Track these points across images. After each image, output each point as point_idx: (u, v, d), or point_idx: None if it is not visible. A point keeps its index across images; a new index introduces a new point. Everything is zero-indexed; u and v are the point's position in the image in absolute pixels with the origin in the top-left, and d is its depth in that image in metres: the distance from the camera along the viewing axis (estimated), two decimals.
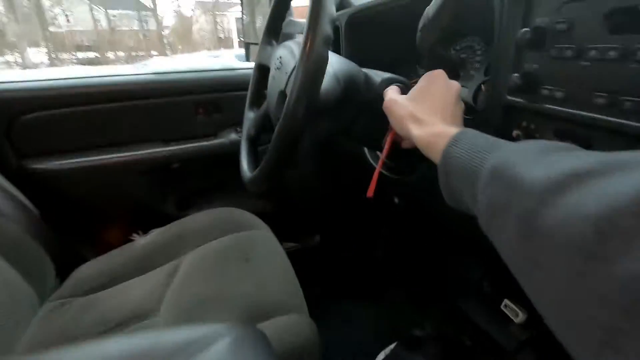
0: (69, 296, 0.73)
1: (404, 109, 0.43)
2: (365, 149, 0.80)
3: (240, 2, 1.25)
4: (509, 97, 0.41)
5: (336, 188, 1.18)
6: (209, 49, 18.77)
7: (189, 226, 0.87)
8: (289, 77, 0.52)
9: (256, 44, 1.20)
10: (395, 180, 0.74)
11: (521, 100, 0.40)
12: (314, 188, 1.18)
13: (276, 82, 0.58)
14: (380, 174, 0.80)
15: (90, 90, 0.96)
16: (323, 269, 1.19)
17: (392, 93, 0.48)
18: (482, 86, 0.61)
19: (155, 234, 0.87)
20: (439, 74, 0.45)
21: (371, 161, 0.79)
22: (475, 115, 0.54)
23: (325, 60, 0.42)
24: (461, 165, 0.32)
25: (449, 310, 0.95)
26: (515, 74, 0.39)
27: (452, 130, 0.36)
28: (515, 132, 0.41)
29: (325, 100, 0.48)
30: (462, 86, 0.58)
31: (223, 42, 20.13)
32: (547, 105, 0.37)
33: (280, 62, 0.57)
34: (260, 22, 1.26)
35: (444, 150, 0.34)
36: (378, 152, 0.76)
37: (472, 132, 0.34)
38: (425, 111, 0.41)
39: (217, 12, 20.61)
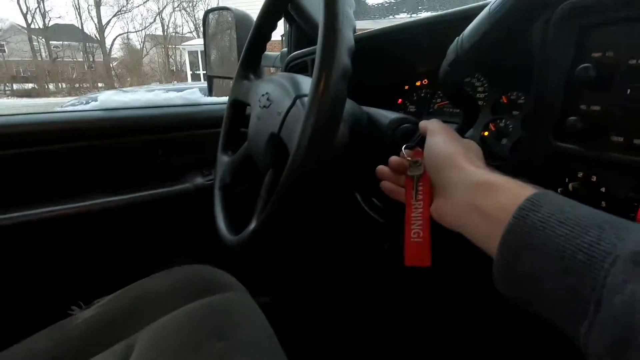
0: None
1: (456, 145, 0.36)
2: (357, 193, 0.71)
3: (202, 35, 1.16)
4: (559, 144, 0.35)
5: (316, 231, 1.07)
6: (160, 82, 18.40)
7: (144, 291, 0.72)
8: (284, 118, 0.42)
9: (225, 77, 1.11)
10: (383, 225, 0.66)
11: (577, 147, 0.33)
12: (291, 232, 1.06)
13: (263, 122, 0.48)
14: (369, 218, 0.72)
15: (15, 130, 0.79)
16: (307, 332, 1.05)
17: (439, 126, 0.39)
18: (491, 125, 0.56)
19: (100, 305, 0.70)
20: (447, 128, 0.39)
21: (364, 206, 0.70)
22: (495, 163, 0.48)
23: (343, 100, 0.33)
24: (555, 244, 0.23)
25: None
26: (573, 117, 0.32)
27: (523, 187, 0.28)
28: (571, 185, 0.34)
29: (335, 147, 0.39)
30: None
31: (175, 75, 19.84)
32: (619, 155, 0.30)
33: (268, 100, 0.48)
34: (215, 55, 1.19)
35: (518, 213, 0.25)
36: (374, 199, 0.68)
37: (556, 197, 0.26)
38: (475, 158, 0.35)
39: (169, 46, 20.43)
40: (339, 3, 0.34)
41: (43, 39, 19.34)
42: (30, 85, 17.29)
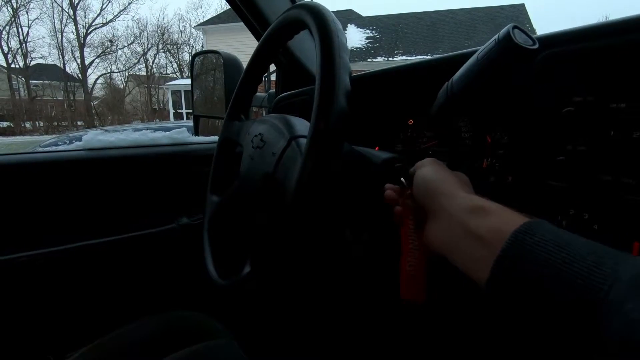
0: None
1: (446, 174, 0.36)
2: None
3: (190, 76, 1.18)
4: (550, 182, 0.36)
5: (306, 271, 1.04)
6: (142, 120, 18.37)
7: (123, 342, 0.67)
8: (279, 158, 0.42)
9: (211, 117, 1.11)
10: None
11: (567, 185, 0.35)
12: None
13: (257, 163, 0.48)
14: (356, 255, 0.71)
15: None
16: None
17: (429, 160, 0.40)
18: (480, 164, 0.58)
19: (75, 358, 0.65)
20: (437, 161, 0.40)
21: (353, 242, 0.70)
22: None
23: (342, 142, 0.34)
24: (552, 267, 0.23)
25: None
26: (561, 157, 0.34)
27: (516, 214, 0.28)
28: (565, 222, 0.35)
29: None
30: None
31: (158, 113, 19.87)
32: (610, 193, 0.32)
33: (261, 141, 0.48)
34: (201, 96, 1.21)
35: (514, 236, 0.25)
36: (364, 235, 0.68)
37: (551, 225, 0.26)
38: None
39: (152, 85, 20.64)
40: (335, 49, 0.35)
41: (23, 78, 19.26)
42: (5, 124, 16.97)
